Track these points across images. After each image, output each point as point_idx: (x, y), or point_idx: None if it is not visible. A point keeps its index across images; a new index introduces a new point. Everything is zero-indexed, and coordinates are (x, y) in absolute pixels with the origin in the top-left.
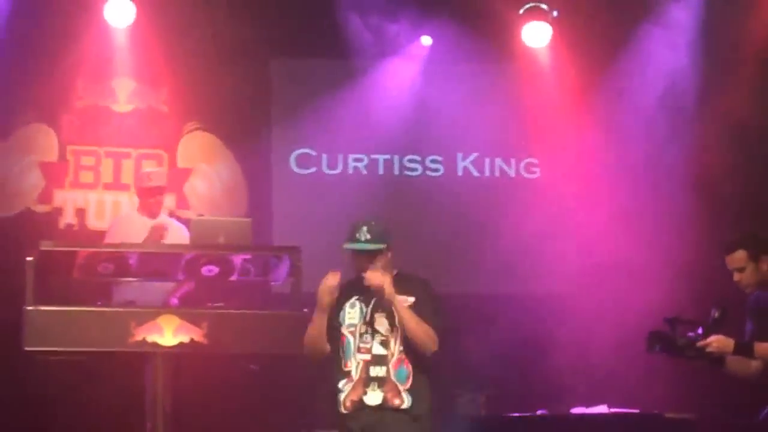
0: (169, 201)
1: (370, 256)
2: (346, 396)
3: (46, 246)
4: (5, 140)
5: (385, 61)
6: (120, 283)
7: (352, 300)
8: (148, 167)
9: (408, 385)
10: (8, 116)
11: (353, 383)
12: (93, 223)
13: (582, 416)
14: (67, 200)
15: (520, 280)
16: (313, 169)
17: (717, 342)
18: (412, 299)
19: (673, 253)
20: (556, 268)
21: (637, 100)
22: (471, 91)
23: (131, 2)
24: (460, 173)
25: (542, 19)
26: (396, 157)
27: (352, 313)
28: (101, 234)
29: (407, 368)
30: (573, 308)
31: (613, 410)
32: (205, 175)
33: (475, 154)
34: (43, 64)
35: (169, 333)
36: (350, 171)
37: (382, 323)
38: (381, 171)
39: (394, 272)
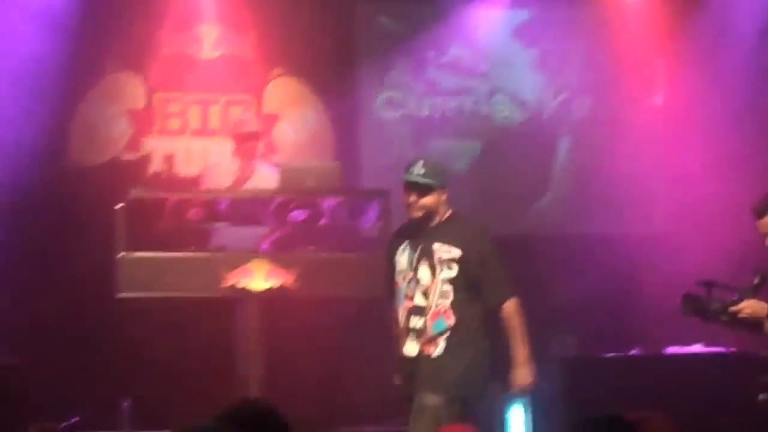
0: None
1: (420, 191)
2: (397, 345)
3: (135, 193)
4: (92, 89)
5: (470, 3)
6: (213, 228)
7: (404, 245)
8: (235, 113)
9: (445, 335)
10: (95, 65)
11: (399, 332)
12: (181, 169)
13: (677, 355)
14: (155, 147)
15: (613, 220)
16: (401, 113)
17: (749, 307)
18: (457, 252)
19: None
20: (649, 209)
21: (738, 36)
22: (560, 31)
23: None
24: (546, 115)
25: None
26: (483, 99)
27: (402, 259)
28: (190, 180)
29: (446, 321)
30: (666, 249)
31: (709, 349)
32: (292, 121)
33: (565, 94)
34: (129, 12)
35: (259, 278)
36: (437, 114)
37: (424, 272)
38: (468, 112)
39: (448, 213)
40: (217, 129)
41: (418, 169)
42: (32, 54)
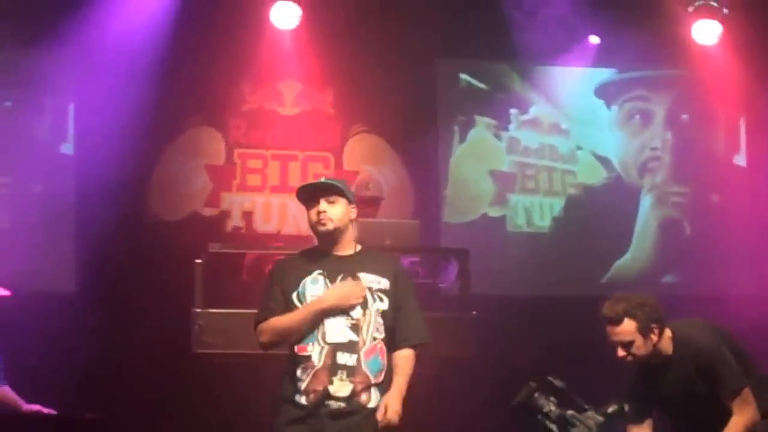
0: None
1: (327, 196)
2: (308, 385)
3: (214, 248)
4: (173, 143)
5: (552, 60)
6: None
7: (314, 275)
8: (315, 169)
9: (380, 380)
10: (176, 119)
11: (314, 370)
12: (260, 226)
13: None
14: (234, 203)
15: (695, 279)
16: (482, 170)
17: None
18: (386, 283)
19: None
20: (735, 268)
21: None
22: (642, 90)
23: (296, 4)
24: (628, 173)
25: (712, 17)
26: (565, 156)
27: (314, 289)
28: (268, 236)
29: (382, 360)
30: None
31: None
32: (373, 178)
33: (647, 152)
34: (210, 67)
35: None
36: (519, 171)
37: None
38: (550, 170)
39: (359, 246)
40: (296, 186)
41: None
42: (114, 108)
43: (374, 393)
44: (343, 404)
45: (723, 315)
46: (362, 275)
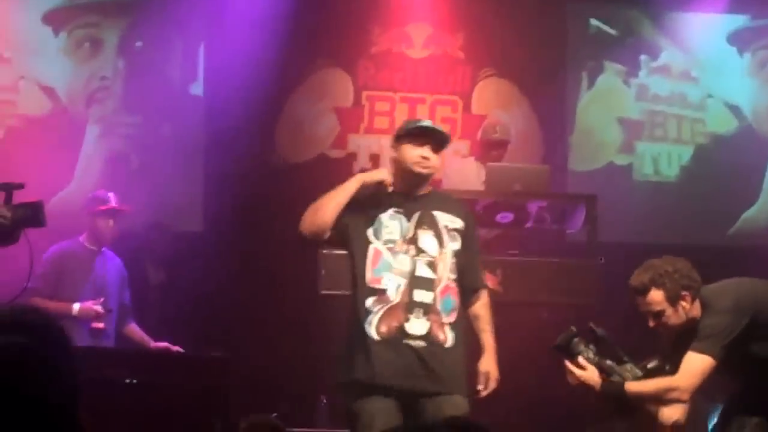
0: (463, 147)
1: (435, 144)
2: (381, 319)
3: None
4: (301, 85)
5: (684, 6)
6: None
7: (390, 212)
8: (443, 112)
9: (452, 319)
10: (304, 61)
11: (390, 306)
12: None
13: None
14: (362, 145)
15: None
16: (611, 116)
17: (586, 375)
18: (460, 222)
19: None
20: None
21: None
22: None
23: None
24: (759, 122)
25: None
26: (695, 104)
27: (391, 227)
28: None
29: (454, 299)
30: None
31: None
32: (501, 122)
33: None
34: (339, 9)
35: None
36: (647, 118)
37: (428, 242)
38: (679, 118)
39: (429, 188)
40: None
41: (429, 122)
42: (243, 49)
43: (449, 331)
44: (421, 342)
45: None
46: (437, 213)
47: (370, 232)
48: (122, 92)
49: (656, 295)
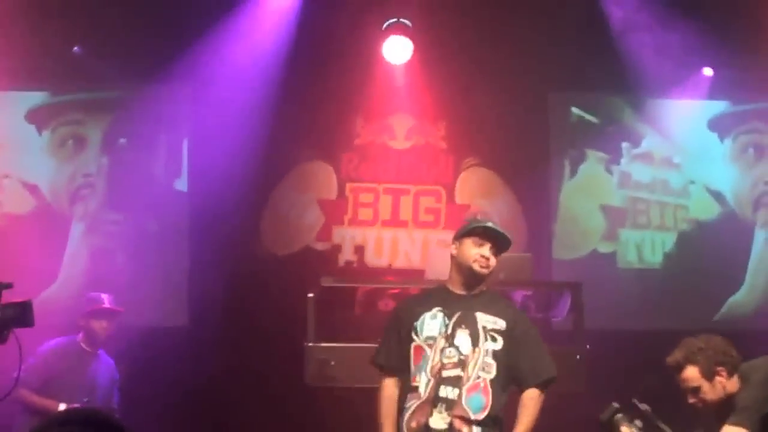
0: (448, 237)
1: (498, 246)
2: (411, 415)
3: (326, 282)
4: (285, 178)
5: (664, 93)
6: None
7: (433, 311)
8: (427, 203)
9: (480, 417)
10: (288, 154)
11: (420, 402)
12: (371, 259)
13: None
14: (346, 237)
15: None
16: (593, 204)
17: None
18: (502, 323)
19: None
20: None
21: None
22: (756, 123)
23: (408, 39)
24: (743, 208)
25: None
26: (678, 191)
27: (432, 324)
28: (380, 270)
29: (484, 398)
30: None
31: None
32: (484, 212)
33: (762, 186)
34: (323, 102)
35: None
36: (630, 205)
37: (463, 341)
38: (662, 204)
39: (483, 288)
40: (408, 219)
41: (491, 223)
42: (226, 144)
43: (475, 429)
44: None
45: None
46: (478, 315)
47: (412, 331)
48: (106, 189)
49: (691, 372)
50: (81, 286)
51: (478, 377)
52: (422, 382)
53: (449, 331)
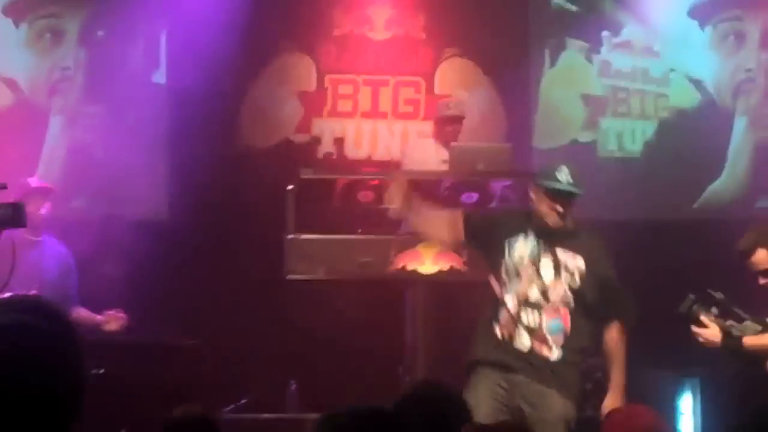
0: (426, 128)
1: (568, 201)
2: (503, 327)
3: (305, 174)
4: (264, 70)
5: None
6: (383, 210)
7: (527, 232)
8: (406, 94)
9: (560, 342)
10: (266, 46)
11: (508, 317)
12: (351, 151)
13: None
14: (325, 129)
15: None
16: (573, 93)
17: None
18: (581, 262)
19: None
20: None
21: None
22: (736, 10)
23: None
24: (722, 96)
25: None
26: (658, 79)
27: (523, 246)
28: (360, 162)
29: (563, 325)
30: None
31: None
32: (461, 101)
33: (742, 74)
34: None
35: (428, 261)
36: (610, 94)
37: (547, 271)
38: (642, 93)
39: (569, 222)
40: (387, 111)
41: (566, 177)
42: (205, 36)
43: (556, 350)
44: (525, 355)
45: None
46: (559, 250)
47: (506, 246)
48: (85, 82)
49: (762, 254)
50: (60, 180)
51: (557, 305)
52: (509, 302)
53: (538, 257)
